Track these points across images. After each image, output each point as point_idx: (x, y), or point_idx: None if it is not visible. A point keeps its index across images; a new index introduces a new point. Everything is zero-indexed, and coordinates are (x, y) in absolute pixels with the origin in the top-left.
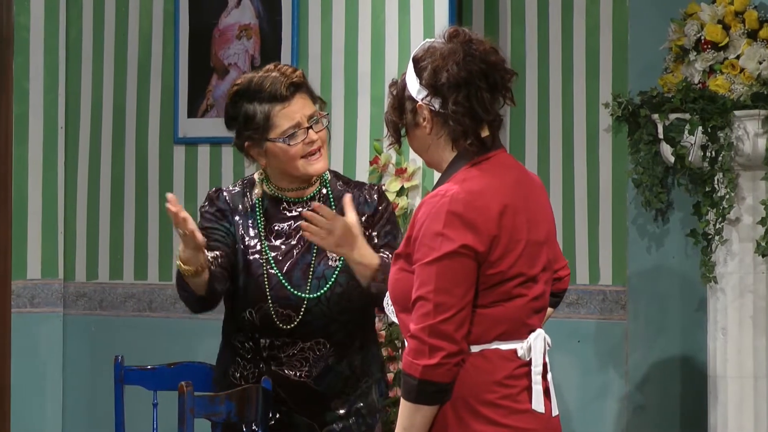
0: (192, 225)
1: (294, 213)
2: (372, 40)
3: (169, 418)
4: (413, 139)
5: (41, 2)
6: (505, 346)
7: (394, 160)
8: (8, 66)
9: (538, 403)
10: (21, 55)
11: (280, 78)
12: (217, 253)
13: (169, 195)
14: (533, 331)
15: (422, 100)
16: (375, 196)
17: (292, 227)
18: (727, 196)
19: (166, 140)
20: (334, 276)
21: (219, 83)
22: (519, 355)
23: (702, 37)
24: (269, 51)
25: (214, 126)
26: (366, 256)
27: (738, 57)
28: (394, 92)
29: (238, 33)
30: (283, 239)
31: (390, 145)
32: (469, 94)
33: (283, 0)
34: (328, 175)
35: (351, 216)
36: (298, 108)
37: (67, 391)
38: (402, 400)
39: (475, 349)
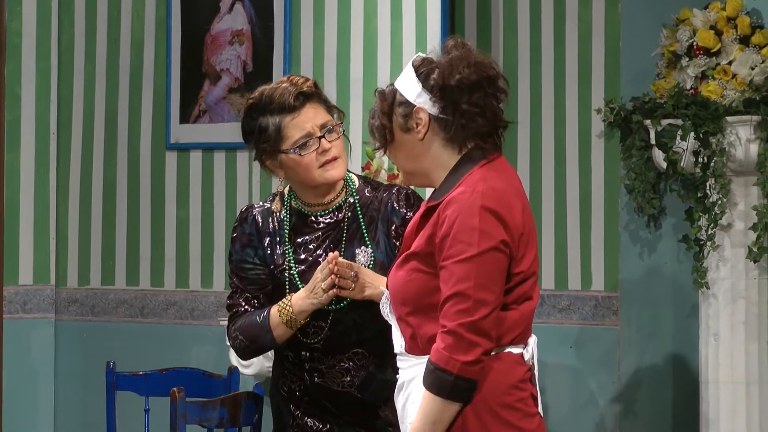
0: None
1: (321, 224)
2: (364, 46)
3: (162, 424)
4: (401, 145)
5: (33, 8)
6: (515, 350)
7: (386, 166)
8: (0, 72)
9: (539, 407)
10: (13, 61)
11: (290, 88)
12: (261, 294)
13: (334, 255)
14: (531, 336)
15: (423, 104)
16: (402, 203)
17: (320, 239)
18: (720, 202)
19: (159, 146)
20: None
21: (211, 89)
22: (525, 359)
23: (694, 43)
24: (261, 57)
25: (206, 131)
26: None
27: (730, 63)
28: (383, 99)
29: (231, 39)
30: (310, 252)
31: (376, 149)
32: (482, 95)
33: (276, 6)
34: (356, 182)
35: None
36: (309, 117)
37: (58, 396)
38: (430, 395)
39: (492, 352)
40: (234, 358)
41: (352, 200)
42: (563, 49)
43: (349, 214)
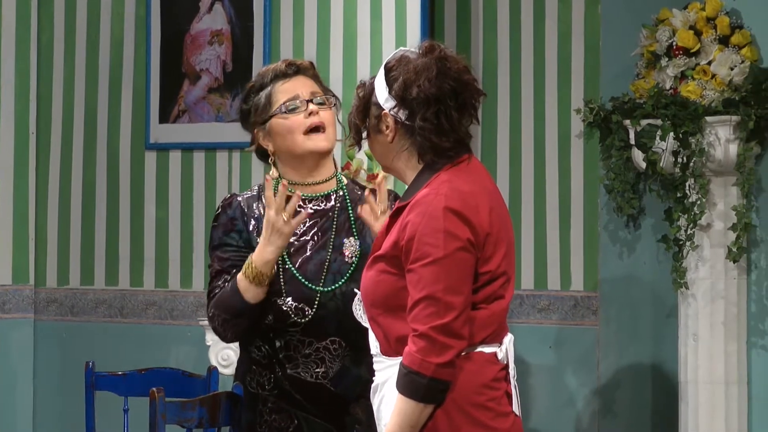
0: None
1: (309, 210)
2: (344, 46)
3: (141, 424)
4: (374, 144)
5: (12, 7)
6: (488, 349)
7: (365, 166)
8: None
9: (516, 406)
10: None
11: (283, 63)
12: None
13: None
14: (506, 334)
15: (389, 109)
16: (390, 203)
17: (307, 224)
18: (699, 202)
19: (138, 146)
20: (350, 272)
21: (191, 89)
22: (499, 358)
23: (674, 43)
24: (241, 57)
25: (185, 131)
26: None
27: (710, 63)
28: (361, 94)
29: (210, 39)
30: (297, 236)
31: (350, 146)
32: (438, 111)
33: (255, 6)
34: (344, 180)
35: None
36: (298, 85)
37: (37, 396)
38: (404, 399)
39: (462, 352)
40: (213, 358)
41: (342, 192)
42: (543, 48)
43: (338, 204)
